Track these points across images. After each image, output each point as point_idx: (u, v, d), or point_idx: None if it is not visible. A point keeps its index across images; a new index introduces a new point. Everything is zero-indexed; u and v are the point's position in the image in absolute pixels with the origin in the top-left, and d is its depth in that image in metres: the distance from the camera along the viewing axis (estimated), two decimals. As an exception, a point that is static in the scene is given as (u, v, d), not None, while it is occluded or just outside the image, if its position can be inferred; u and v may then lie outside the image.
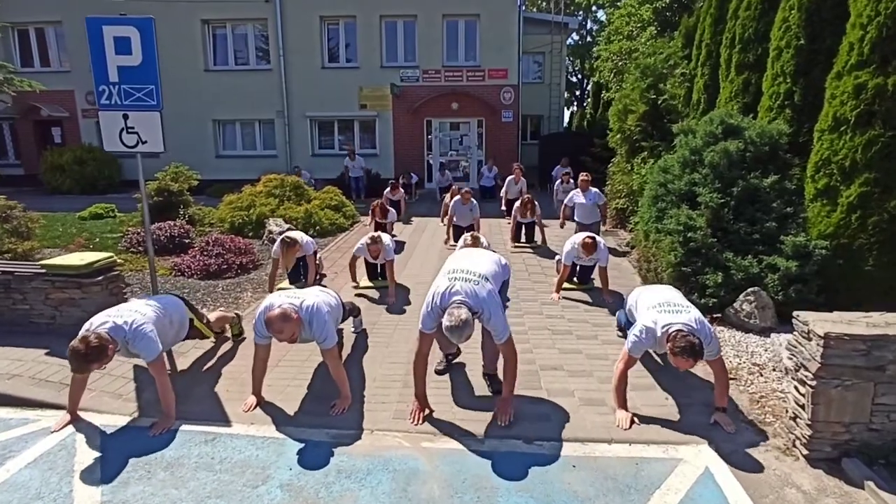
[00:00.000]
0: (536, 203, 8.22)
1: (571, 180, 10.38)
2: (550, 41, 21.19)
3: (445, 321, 3.18)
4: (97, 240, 8.87)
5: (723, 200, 5.53)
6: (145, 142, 4.96)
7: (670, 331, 3.28)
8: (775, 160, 5.79)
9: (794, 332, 3.26)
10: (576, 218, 8.20)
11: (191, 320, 4.07)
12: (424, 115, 16.14)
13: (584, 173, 8.40)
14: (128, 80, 4.83)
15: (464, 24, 15.84)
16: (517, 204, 8.24)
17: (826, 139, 5.13)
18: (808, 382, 3.06)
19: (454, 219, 8.58)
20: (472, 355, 4.31)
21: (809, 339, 3.08)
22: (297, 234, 6.42)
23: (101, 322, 3.39)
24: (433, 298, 3.41)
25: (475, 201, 8.62)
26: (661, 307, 3.53)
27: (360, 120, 16.54)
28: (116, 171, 16.01)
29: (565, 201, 8.47)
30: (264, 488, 2.90)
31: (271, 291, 5.95)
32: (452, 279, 3.44)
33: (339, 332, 4.39)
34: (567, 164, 12.97)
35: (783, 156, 5.81)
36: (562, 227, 8.87)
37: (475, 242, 5.67)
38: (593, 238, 5.83)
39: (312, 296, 3.74)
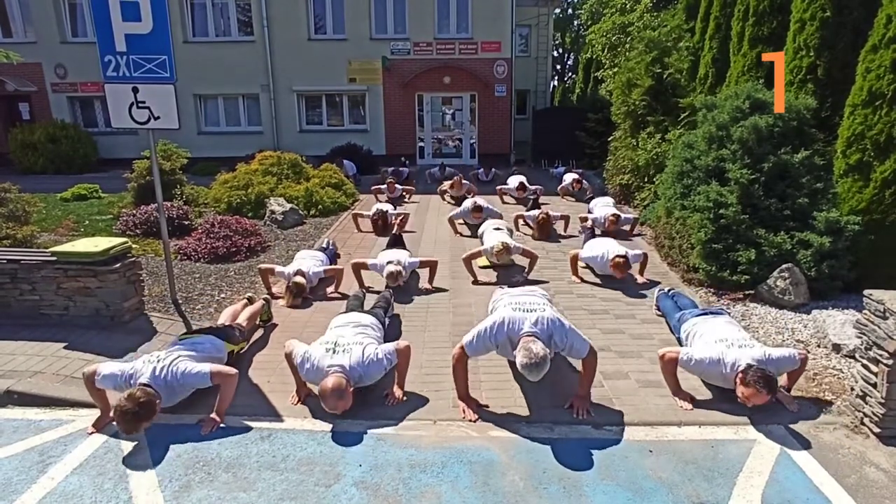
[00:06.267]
0: (550, 215, 7.59)
1: (583, 181, 10.43)
2: (537, 13, 20.77)
3: (520, 359, 3.07)
4: (86, 223, 8.40)
5: (753, 176, 5.48)
6: (158, 117, 4.61)
7: (741, 366, 3.27)
8: (801, 135, 5.75)
9: (865, 311, 3.23)
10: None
11: (230, 353, 3.86)
12: (416, 89, 15.67)
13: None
14: (137, 49, 4.45)
15: (455, -7, 15.29)
16: (532, 222, 7.62)
17: (860, 114, 5.08)
18: (884, 361, 3.03)
19: (464, 220, 7.93)
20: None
21: (885, 318, 3.04)
22: (303, 269, 5.46)
23: (135, 373, 3.20)
24: (492, 327, 3.30)
25: (489, 206, 7.84)
26: (727, 342, 3.50)
27: (349, 94, 15.98)
28: (93, 150, 15.15)
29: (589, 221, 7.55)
30: (339, 487, 2.75)
31: (268, 290, 5.42)
32: (516, 309, 3.37)
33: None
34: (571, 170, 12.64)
35: (808, 131, 5.78)
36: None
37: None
38: (625, 257, 5.60)
39: (356, 342, 3.47)
